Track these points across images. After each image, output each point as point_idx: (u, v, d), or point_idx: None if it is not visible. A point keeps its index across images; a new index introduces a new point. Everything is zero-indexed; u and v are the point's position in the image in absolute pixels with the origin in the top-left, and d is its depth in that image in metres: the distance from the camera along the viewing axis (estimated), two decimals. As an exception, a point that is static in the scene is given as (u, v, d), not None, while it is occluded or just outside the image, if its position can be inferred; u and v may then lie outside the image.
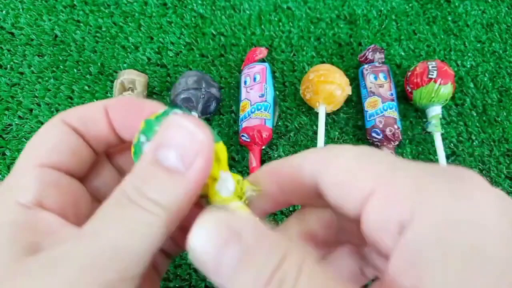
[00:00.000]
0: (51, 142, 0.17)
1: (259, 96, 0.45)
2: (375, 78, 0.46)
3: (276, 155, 0.45)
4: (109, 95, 0.47)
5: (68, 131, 0.18)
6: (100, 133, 0.18)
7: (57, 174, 0.17)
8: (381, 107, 0.44)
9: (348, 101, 0.47)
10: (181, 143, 0.14)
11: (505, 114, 0.48)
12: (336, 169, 0.15)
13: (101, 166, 0.20)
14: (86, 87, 0.48)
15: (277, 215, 0.41)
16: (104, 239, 0.13)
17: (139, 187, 0.14)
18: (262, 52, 0.49)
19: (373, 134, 0.44)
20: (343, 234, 0.18)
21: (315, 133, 0.46)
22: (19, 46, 0.50)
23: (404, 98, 0.48)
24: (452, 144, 0.46)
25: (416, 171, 0.13)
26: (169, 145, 0.15)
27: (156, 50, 0.51)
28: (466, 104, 0.49)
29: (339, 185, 0.15)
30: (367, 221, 0.14)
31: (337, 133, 0.46)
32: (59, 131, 0.18)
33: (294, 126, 0.46)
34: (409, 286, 0.12)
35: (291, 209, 0.41)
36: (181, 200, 0.14)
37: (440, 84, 0.43)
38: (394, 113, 0.44)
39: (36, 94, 0.47)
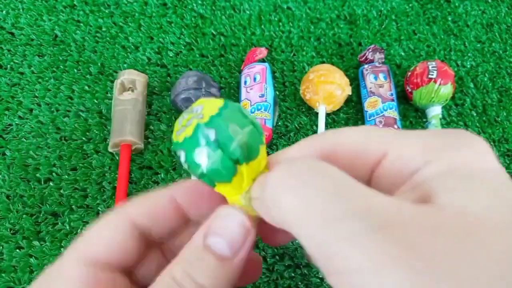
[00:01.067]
0: (107, 240, 0.17)
1: (259, 96, 0.45)
2: (375, 78, 0.46)
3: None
4: (109, 95, 0.47)
5: (129, 231, 0.17)
6: (166, 225, 0.18)
7: (101, 273, 0.16)
8: (381, 107, 0.44)
9: (348, 101, 0.47)
10: (231, 232, 0.16)
11: (505, 114, 0.48)
12: (349, 139, 0.16)
13: (149, 253, 0.19)
14: (86, 87, 0.48)
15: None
16: None
17: (189, 272, 0.15)
18: (262, 52, 0.49)
19: (373, 134, 0.44)
20: None
21: (315, 133, 0.46)
22: (19, 46, 0.50)
23: (404, 98, 0.48)
24: (452, 144, 0.46)
25: (423, 133, 0.15)
26: (220, 234, 0.16)
27: (156, 50, 0.51)
28: (466, 104, 0.49)
29: (353, 153, 0.16)
30: (381, 174, 0.15)
31: (337, 133, 0.46)
32: (121, 230, 0.17)
33: (294, 126, 0.46)
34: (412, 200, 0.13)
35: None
36: (226, 283, 0.16)
37: (440, 84, 0.43)
38: (394, 113, 0.44)
39: (36, 94, 0.47)
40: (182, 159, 0.16)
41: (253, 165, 0.16)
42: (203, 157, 0.15)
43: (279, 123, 0.47)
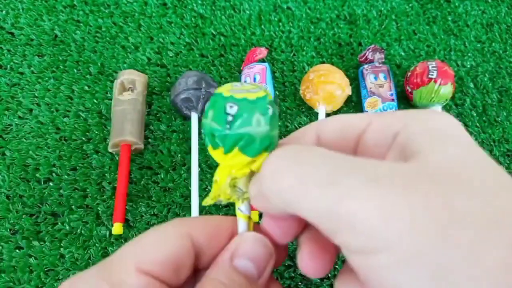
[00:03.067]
0: (167, 252, 0.16)
1: (259, 96, 0.45)
2: (375, 78, 0.46)
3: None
4: (109, 95, 0.47)
5: (188, 248, 0.17)
6: (219, 249, 0.18)
7: (157, 285, 0.16)
8: (381, 107, 0.44)
9: (348, 101, 0.47)
10: (257, 255, 0.17)
11: (505, 114, 0.48)
12: (333, 121, 0.18)
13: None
14: (86, 87, 0.48)
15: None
16: None
17: None
18: (262, 52, 0.49)
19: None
20: None
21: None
22: (19, 46, 0.50)
23: (404, 98, 0.48)
24: (452, 144, 0.46)
25: (402, 110, 0.17)
26: (247, 257, 0.17)
27: (156, 50, 0.51)
28: (466, 104, 0.49)
29: (338, 129, 0.17)
30: (366, 140, 0.17)
31: (337, 133, 0.46)
32: (180, 245, 0.17)
33: (294, 126, 0.46)
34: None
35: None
36: None
37: (440, 84, 0.43)
38: (394, 113, 0.44)
39: (36, 94, 0.47)
40: (232, 111, 0.16)
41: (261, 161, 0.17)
42: (257, 121, 0.16)
43: (279, 123, 0.47)
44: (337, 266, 0.39)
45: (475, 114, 0.48)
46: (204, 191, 0.42)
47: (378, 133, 0.16)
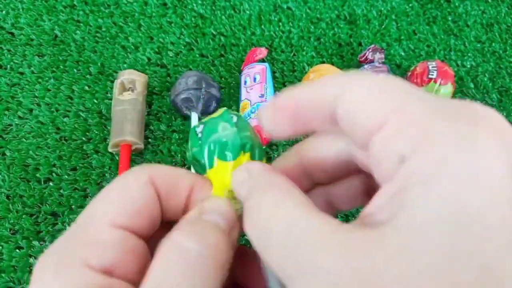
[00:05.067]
0: (135, 204, 0.16)
1: (259, 96, 0.45)
2: (375, 78, 0.46)
3: (276, 155, 0.45)
4: (109, 95, 0.47)
5: (153, 195, 0.17)
6: (177, 203, 0.18)
7: (133, 239, 0.16)
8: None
9: (348, 101, 0.47)
10: (225, 210, 0.17)
11: (505, 114, 0.48)
12: (351, 97, 0.15)
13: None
14: (86, 87, 0.48)
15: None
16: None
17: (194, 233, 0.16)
18: (262, 52, 0.49)
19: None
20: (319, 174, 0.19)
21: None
22: (19, 46, 0.50)
23: (404, 98, 0.48)
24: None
25: (427, 108, 0.13)
26: (215, 211, 0.17)
27: (156, 50, 0.51)
28: (466, 104, 0.49)
29: (352, 115, 0.15)
30: (373, 150, 0.14)
31: (337, 133, 0.47)
32: (146, 193, 0.16)
33: (294, 126, 0.46)
34: (383, 219, 0.12)
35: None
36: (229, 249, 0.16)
37: (440, 84, 0.43)
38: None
39: (36, 94, 0.47)
40: (200, 129, 0.18)
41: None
42: (223, 128, 0.18)
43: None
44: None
45: (475, 114, 0.48)
46: (204, 191, 0.42)
47: (385, 147, 0.13)
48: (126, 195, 0.16)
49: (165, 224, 0.17)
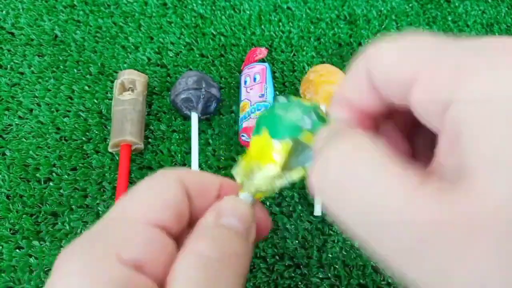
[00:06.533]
0: (166, 200, 0.16)
1: (259, 96, 0.45)
2: (375, 78, 0.46)
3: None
4: (109, 95, 0.47)
5: (183, 195, 0.17)
6: (205, 206, 0.18)
7: (164, 236, 0.16)
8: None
9: (348, 101, 0.47)
10: (243, 214, 0.17)
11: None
12: (382, 58, 0.15)
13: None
14: (86, 87, 0.48)
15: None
16: None
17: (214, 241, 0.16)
18: (262, 52, 0.49)
19: (373, 134, 0.44)
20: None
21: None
22: (19, 46, 0.50)
23: (404, 98, 0.48)
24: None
25: (458, 50, 0.13)
26: (233, 215, 0.17)
27: (156, 50, 0.51)
28: (466, 104, 0.49)
29: (385, 75, 0.15)
30: (415, 107, 0.14)
31: (337, 133, 0.46)
32: (177, 193, 0.17)
33: (294, 126, 0.46)
34: (453, 165, 0.12)
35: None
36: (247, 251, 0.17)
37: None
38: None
39: (36, 94, 0.47)
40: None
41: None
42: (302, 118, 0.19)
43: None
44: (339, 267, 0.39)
45: (475, 114, 0.48)
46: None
47: (425, 100, 0.13)
48: (157, 193, 0.16)
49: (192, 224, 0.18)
